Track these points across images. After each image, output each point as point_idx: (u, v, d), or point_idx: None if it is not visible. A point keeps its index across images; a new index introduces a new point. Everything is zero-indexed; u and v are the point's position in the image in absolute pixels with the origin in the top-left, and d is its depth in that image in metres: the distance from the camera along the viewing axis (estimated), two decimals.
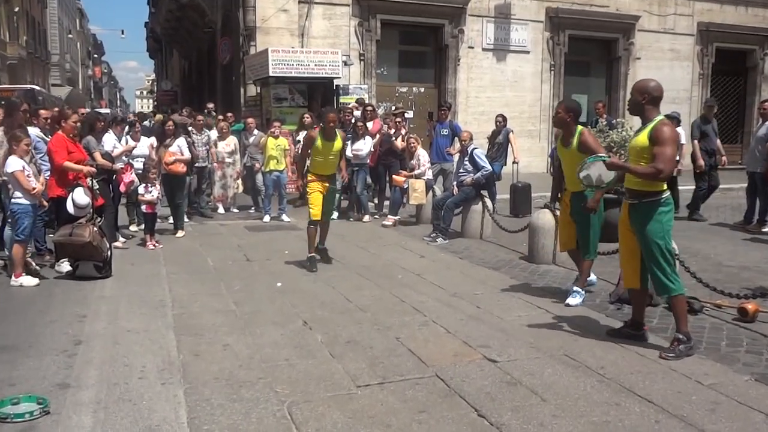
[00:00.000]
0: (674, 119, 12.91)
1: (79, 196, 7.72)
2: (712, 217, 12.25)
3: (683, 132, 13.12)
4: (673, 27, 21.78)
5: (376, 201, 12.76)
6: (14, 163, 7.12)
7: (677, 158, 12.56)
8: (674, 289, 5.12)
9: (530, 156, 18.36)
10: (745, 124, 23.56)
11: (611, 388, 4.49)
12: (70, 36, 61.34)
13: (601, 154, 5.41)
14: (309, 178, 8.37)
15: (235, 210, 12.43)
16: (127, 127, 11.01)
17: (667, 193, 5.16)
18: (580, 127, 6.36)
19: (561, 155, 6.55)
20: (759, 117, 11.40)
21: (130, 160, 10.32)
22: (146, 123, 17.05)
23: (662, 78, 21.60)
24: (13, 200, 7.22)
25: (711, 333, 5.64)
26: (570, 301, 6.47)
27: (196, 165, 11.84)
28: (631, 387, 4.48)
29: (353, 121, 12.47)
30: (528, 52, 19.97)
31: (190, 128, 12.16)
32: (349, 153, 11.66)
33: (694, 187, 12.35)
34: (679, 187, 12.91)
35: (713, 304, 6.29)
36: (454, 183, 10.47)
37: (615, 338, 5.40)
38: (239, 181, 13.03)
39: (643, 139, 5.11)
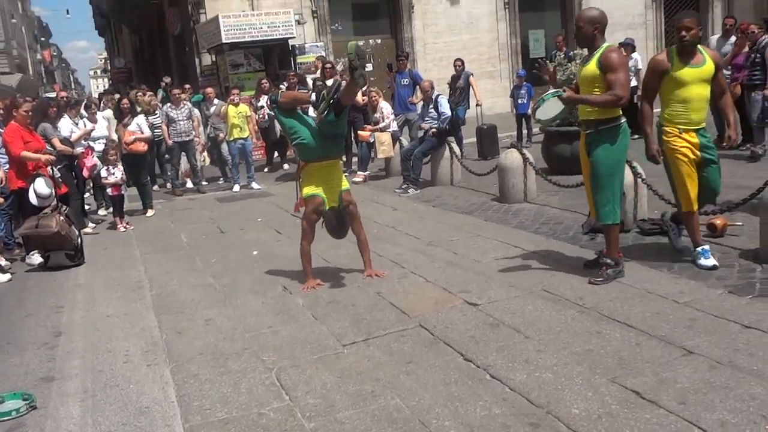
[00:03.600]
0: (629, 46, 12.98)
1: (41, 186, 7.57)
2: None
3: (640, 57, 13.16)
4: None
5: (344, 158, 12.65)
6: None
7: (635, 84, 12.65)
8: (613, 219, 5.21)
9: (493, 97, 18.29)
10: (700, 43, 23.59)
11: (591, 317, 4.56)
12: (13, 21, 59.34)
13: (557, 90, 5.38)
14: None
15: (204, 183, 12.31)
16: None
17: (622, 120, 5.18)
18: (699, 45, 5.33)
19: (690, 76, 5.19)
20: (723, 32, 11.32)
21: (90, 143, 10.13)
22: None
23: (615, 4, 21.53)
24: None
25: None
26: (705, 262, 5.28)
27: (179, 140, 11.65)
28: (611, 314, 4.56)
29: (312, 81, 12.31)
30: None
31: (168, 104, 11.99)
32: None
33: None
34: None
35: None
36: (420, 126, 10.41)
37: (592, 269, 5.47)
38: (205, 154, 12.86)
39: (592, 68, 5.10)
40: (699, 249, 5.33)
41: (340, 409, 3.65)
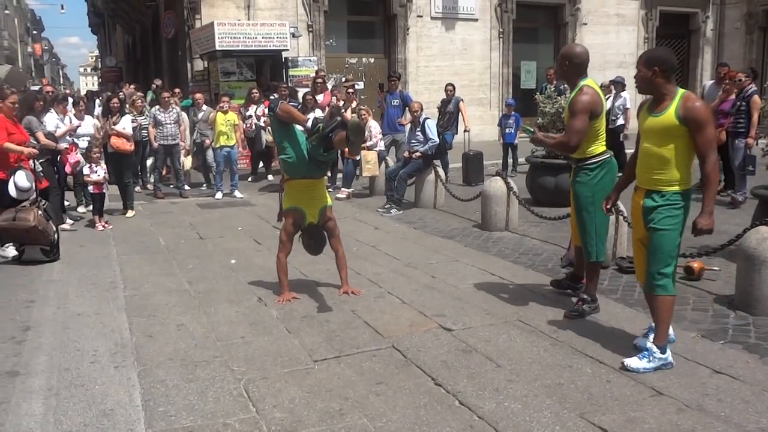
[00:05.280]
0: (620, 84, 13.15)
1: (21, 179, 7.49)
2: None
3: (629, 96, 13.31)
4: None
5: (329, 174, 12.66)
6: None
7: (622, 122, 12.79)
8: (597, 256, 5.25)
9: (481, 124, 18.43)
10: (688, 86, 23.98)
11: (564, 350, 4.57)
12: (6, 12, 59.01)
13: (529, 130, 5.42)
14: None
15: (187, 188, 12.24)
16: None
17: (604, 157, 5.17)
18: (681, 91, 4.23)
19: (644, 126, 4.35)
20: (717, 79, 11.47)
21: (75, 140, 10.06)
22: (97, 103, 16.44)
23: (609, 43, 21.93)
24: None
25: None
26: (631, 363, 4.23)
27: (165, 143, 11.64)
28: (583, 349, 4.57)
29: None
30: (476, 20, 19.96)
31: (156, 107, 12.00)
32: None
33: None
34: (627, 151, 13.14)
35: None
36: (406, 150, 10.46)
37: (555, 288, 5.64)
38: (189, 158, 12.81)
39: (567, 107, 5.16)
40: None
41: (306, 425, 3.63)
